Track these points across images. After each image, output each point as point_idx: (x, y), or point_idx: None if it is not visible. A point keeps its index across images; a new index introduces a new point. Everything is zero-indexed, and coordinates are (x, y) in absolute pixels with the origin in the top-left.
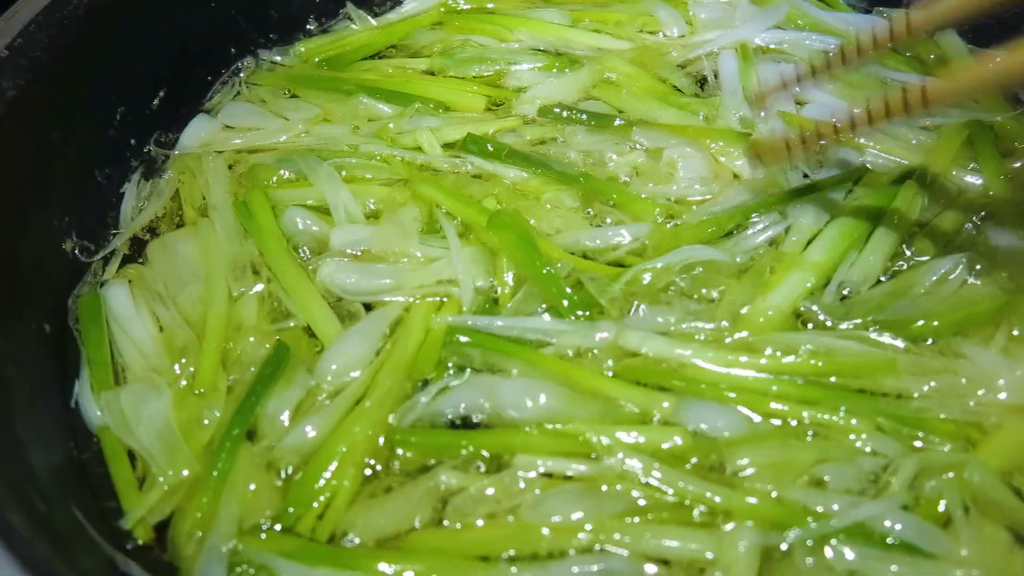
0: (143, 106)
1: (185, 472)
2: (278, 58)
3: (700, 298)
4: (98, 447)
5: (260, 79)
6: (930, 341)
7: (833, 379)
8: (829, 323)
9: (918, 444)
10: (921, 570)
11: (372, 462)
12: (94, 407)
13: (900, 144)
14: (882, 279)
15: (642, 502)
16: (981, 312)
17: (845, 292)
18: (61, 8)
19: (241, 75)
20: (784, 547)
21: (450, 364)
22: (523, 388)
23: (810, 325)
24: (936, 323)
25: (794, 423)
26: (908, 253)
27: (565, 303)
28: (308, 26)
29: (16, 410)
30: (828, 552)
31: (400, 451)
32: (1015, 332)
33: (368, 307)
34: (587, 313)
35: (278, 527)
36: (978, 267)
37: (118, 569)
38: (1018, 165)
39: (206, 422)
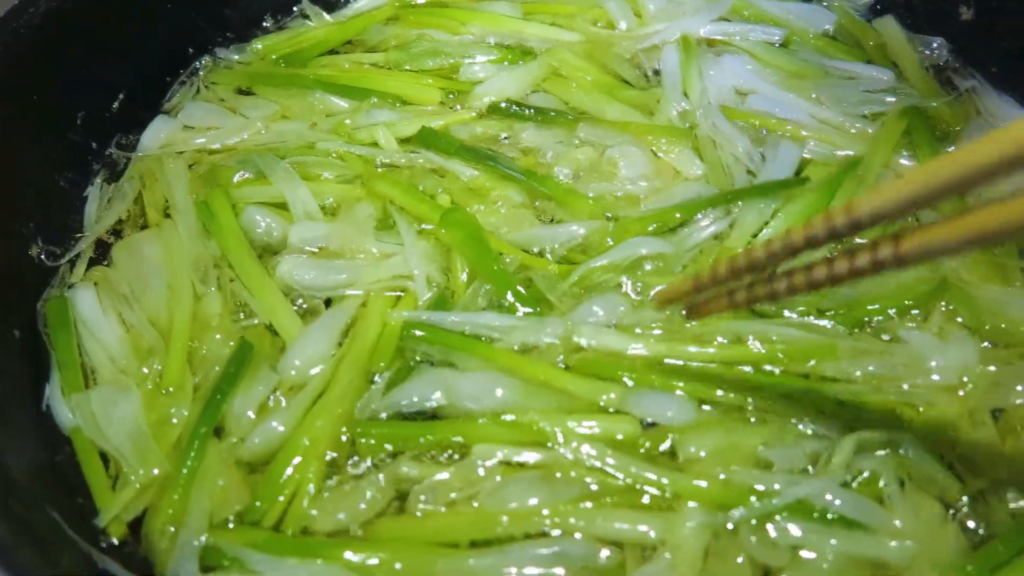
0: (103, 109)
1: (155, 471)
2: (236, 56)
3: (646, 288)
4: (71, 448)
5: (218, 78)
6: (871, 323)
7: (778, 366)
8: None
9: (856, 424)
10: (859, 543)
11: (335, 455)
12: (65, 410)
13: (840, 134)
14: None
15: (595, 487)
16: (917, 295)
17: None
18: (17, 17)
19: (199, 74)
20: (730, 526)
21: (411, 359)
22: (480, 381)
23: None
24: (875, 306)
25: (739, 410)
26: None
27: (514, 300)
28: (264, 23)
29: None
30: (772, 529)
31: (363, 442)
32: (949, 315)
33: (328, 304)
34: (538, 310)
35: (247, 521)
36: None
37: (96, 567)
38: (952, 150)
39: (174, 421)
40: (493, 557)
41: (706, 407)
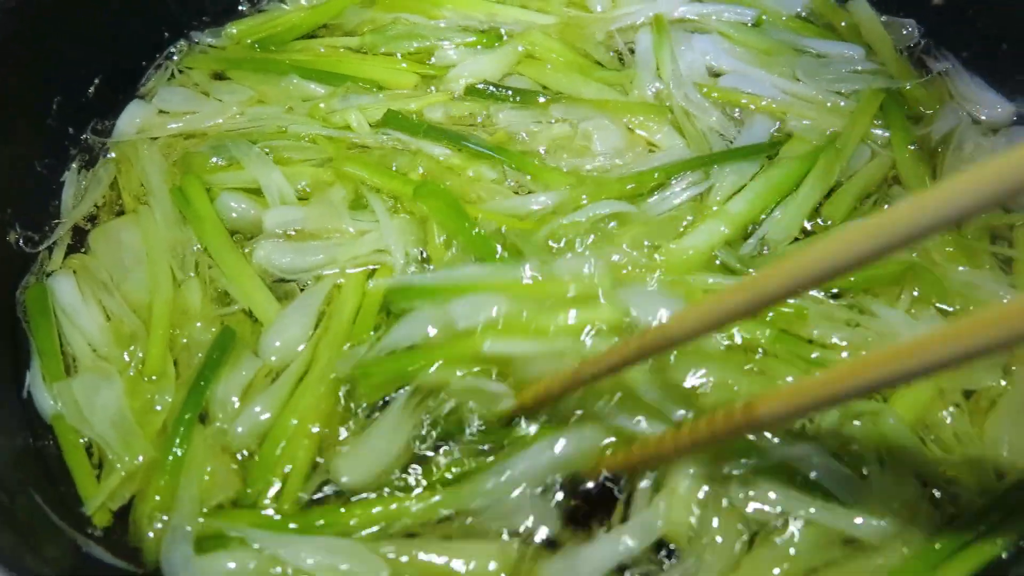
0: (79, 94)
1: (141, 458)
2: (211, 40)
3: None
4: (53, 436)
5: (193, 62)
6: (843, 296)
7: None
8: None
9: None
10: (835, 515)
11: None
12: (47, 397)
13: (816, 108)
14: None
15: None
16: (887, 274)
17: (764, 250)
18: None
19: (175, 59)
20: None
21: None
22: (472, 301)
23: None
24: (846, 279)
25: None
26: (823, 214)
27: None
28: (240, 7)
29: None
30: (756, 488)
31: (364, 382)
32: (919, 296)
33: (302, 288)
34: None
35: (243, 504)
36: None
37: (82, 552)
38: (925, 132)
39: (158, 407)
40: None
41: None
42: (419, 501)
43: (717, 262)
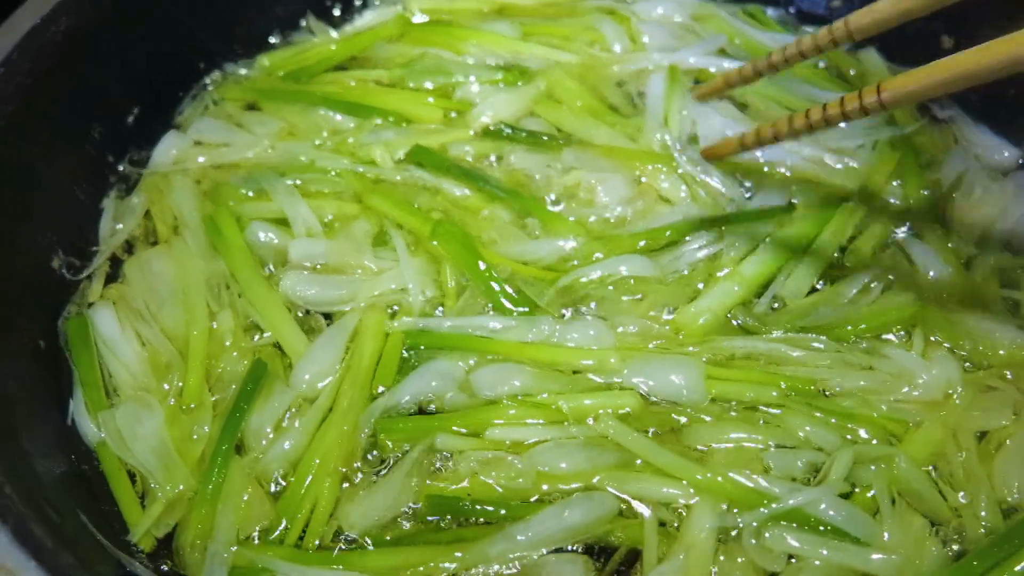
0: (118, 123)
1: (182, 487)
2: (243, 71)
3: (631, 299)
4: (97, 460)
5: (227, 93)
6: (857, 343)
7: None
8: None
9: (849, 437)
10: (849, 554)
11: (358, 460)
12: (90, 425)
13: (824, 169)
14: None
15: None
16: (897, 318)
17: (776, 305)
18: (40, 35)
19: (209, 89)
20: (739, 525)
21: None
22: (495, 371)
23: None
24: (858, 327)
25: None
26: (835, 267)
27: (507, 302)
28: (272, 39)
29: (19, 424)
30: (769, 535)
31: (383, 437)
32: (932, 337)
33: (327, 317)
34: (527, 309)
35: (274, 539)
36: (896, 278)
37: (125, 570)
38: (935, 177)
39: (195, 437)
40: (505, 543)
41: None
42: (437, 558)
43: (736, 322)
